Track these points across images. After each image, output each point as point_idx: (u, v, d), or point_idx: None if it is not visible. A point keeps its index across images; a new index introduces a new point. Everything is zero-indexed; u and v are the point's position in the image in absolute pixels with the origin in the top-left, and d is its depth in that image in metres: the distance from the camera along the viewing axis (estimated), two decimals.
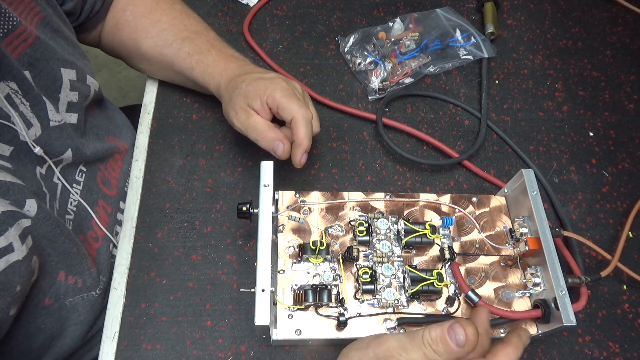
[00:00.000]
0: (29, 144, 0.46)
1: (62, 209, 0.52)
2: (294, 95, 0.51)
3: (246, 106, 0.51)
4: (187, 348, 0.49)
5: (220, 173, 0.58)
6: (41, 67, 0.48)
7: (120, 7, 0.61)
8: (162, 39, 0.59)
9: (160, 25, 0.59)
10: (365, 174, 0.59)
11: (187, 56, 0.57)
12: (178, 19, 0.60)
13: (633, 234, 0.57)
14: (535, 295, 0.49)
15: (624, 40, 0.71)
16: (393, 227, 0.52)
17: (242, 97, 0.51)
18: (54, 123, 0.49)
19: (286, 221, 0.52)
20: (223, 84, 0.55)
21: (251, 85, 0.51)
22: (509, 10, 0.73)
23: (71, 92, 0.52)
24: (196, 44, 0.58)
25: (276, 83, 0.51)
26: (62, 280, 0.49)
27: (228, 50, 0.58)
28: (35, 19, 0.49)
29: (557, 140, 0.63)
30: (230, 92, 0.53)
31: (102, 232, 0.56)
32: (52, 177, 0.50)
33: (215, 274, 0.52)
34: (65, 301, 0.51)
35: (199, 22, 0.61)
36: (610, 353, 0.50)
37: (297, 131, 0.50)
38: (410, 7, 0.72)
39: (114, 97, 1.53)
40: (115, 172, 0.61)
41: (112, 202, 0.59)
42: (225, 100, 0.54)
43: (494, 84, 0.67)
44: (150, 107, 0.62)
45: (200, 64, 0.57)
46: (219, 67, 0.56)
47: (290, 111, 0.50)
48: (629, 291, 0.54)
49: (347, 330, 0.47)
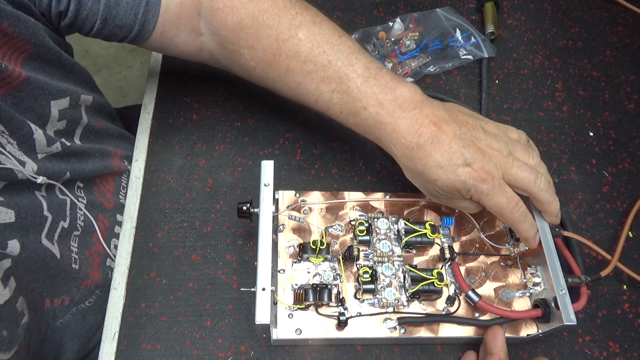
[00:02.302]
0: (30, 178, 0.44)
1: (72, 225, 0.51)
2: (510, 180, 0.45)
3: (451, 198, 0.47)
4: (187, 348, 0.49)
5: (220, 173, 0.58)
6: (27, 105, 0.45)
7: (231, 47, 0.50)
8: (301, 90, 0.50)
9: (293, 77, 0.49)
10: (365, 174, 0.59)
11: (339, 114, 0.49)
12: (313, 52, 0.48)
13: (633, 234, 0.57)
14: (535, 295, 0.49)
15: (624, 40, 0.71)
16: (393, 226, 0.52)
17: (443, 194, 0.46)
18: (42, 155, 0.47)
19: (286, 221, 0.52)
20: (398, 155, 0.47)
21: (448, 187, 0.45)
22: (509, 10, 0.73)
23: (58, 122, 0.50)
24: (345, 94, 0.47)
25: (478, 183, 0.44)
26: (49, 307, 0.48)
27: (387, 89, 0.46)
28: (21, 56, 0.45)
29: (557, 140, 0.63)
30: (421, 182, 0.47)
31: (102, 248, 0.55)
32: (56, 194, 0.49)
33: (215, 274, 0.52)
34: (56, 323, 0.50)
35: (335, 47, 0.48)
36: (610, 353, 0.50)
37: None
38: (410, 7, 0.72)
39: (114, 97, 1.53)
40: (109, 185, 0.59)
41: (110, 215, 0.57)
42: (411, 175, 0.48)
43: (494, 84, 0.67)
44: (150, 107, 0.62)
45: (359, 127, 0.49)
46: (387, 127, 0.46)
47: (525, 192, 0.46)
48: (629, 291, 0.54)
49: (348, 330, 0.47)
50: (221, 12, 0.49)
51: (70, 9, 0.47)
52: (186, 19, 0.51)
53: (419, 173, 0.46)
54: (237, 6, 0.48)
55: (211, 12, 0.50)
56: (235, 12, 0.49)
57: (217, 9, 0.49)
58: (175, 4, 0.50)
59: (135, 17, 0.49)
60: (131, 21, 0.49)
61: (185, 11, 0.50)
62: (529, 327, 0.48)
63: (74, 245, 0.51)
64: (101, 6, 0.48)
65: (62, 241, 0.49)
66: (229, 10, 0.49)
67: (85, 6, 0.47)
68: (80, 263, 0.51)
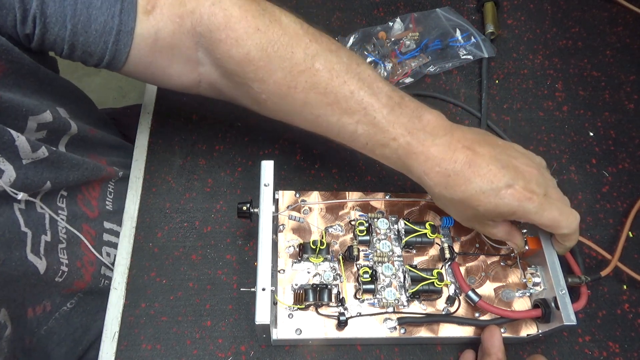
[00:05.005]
0: (8, 192, 0.42)
1: (55, 238, 0.49)
2: (550, 213, 0.43)
3: (486, 221, 0.46)
4: (187, 348, 0.49)
5: (220, 173, 0.58)
6: (3, 122, 0.43)
7: (238, 80, 0.46)
8: (322, 123, 0.47)
9: (311, 109, 0.46)
10: (365, 174, 0.59)
11: (364, 146, 0.47)
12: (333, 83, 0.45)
13: (633, 234, 0.57)
14: (535, 295, 0.49)
15: (624, 40, 0.71)
16: (393, 226, 0.52)
17: (481, 217, 0.45)
18: (27, 161, 0.45)
19: (286, 221, 0.52)
20: (432, 186, 0.45)
21: (491, 212, 0.43)
22: (509, 10, 0.73)
23: (37, 132, 0.48)
24: (371, 126, 0.45)
25: (525, 204, 0.42)
26: (31, 316, 0.48)
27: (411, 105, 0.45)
28: None
29: (557, 140, 0.63)
30: (459, 209, 0.46)
31: (94, 257, 0.54)
32: (35, 208, 0.47)
33: (215, 274, 0.52)
34: (40, 331, 0.49)
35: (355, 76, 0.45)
36: (610, 353, 0.50)
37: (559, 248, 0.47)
38: (410, 7, 0.72)
39: (114, 97, 1.53)
40: (95, 192, 0.57)
41: (96, 224, 0.56)
42: (444, 205, 0.47)
43: (494, 84, 0.67)
44: (150, 107, 0.62)
45: (388, 159, 0.47)
46: (419, 157, 0.44)
47: (555, 229, 0.44)
48: (629, 291, 0.54)
49: (348, 330, 0.47)
50: (224, 44, 0.44)
51: (36, 33, 0.44)
52: (181, 49, 0.47)
53: (458, 201, 0.43)
54: (243, 37, 0.44)
55: (212, 43, 0.45)
56: (240, 44, 0.44)
57: (218, 41, 0.44)
58: (167, 34, 0.45)
59: (106, 46, 0.45)
60: (101, 49, 0.46)
61: (179, 41, 0.46)
62: (529, 327, 0.48)
63: (63, 257, 0.50)
64: (67, 32, 0.44)
65: (49, 255, 0.48)
66: (232, 42, 0.44)
67: (51, 31, 0.44)
68: (68, 274, 0.50)
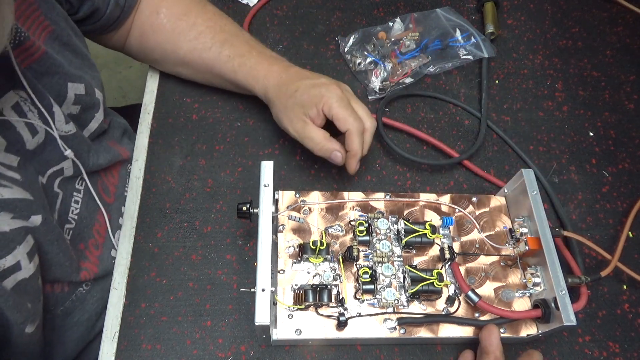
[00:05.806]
0: (60, 146, 0.47)
1: (62, 219, 0.51)
2: (349, 106, 0.51)
3: (303, 115, 0.52)
4: (187, 348, 0.49)
5: (220, 173, 0.58)
6: (45, 82, 0.47)
7: (153, 9, 0.58)
8: (200, 43, 0.57)
9: (197, 28, 0.58)
10: (365, 174, 0.59)
11: (228, 59, 0.57)
12: (213, 20, 0.59)
13: (633, 234, 0.57)
14: (535, 295, 0.49)
15: (624, 40, 0.71)
16: (393, 227, 0.52)
17: (299, 106, 0.52)
18: (60, 132, 0.49)
19: (286, 221, 0.52)
20: (271, 89, 0.55)
21: (306, 94, 0.52)
22: (509, 10, 0.73)
23: (73, 106, 0.51)
24: (236, 47, 0.57)
25: (331, 91, 0.51)
26: (49, 293, 0.49)
27: (267, 52, 0.58)
28: (44, 33, 0.48)
29: (557, 140, 0.63)
30: (284, 100, 0.53)
31: (102, 240, 0.56)
32: (52, 187, 0.50)
33: (215, 274, 0.52)
34: (56, 311, 0.51)
35: (233, 23, 0.60)
36: (610, 353, 0.50)
37: (351, 142, 0.51)
38: (410, 7, 0.72)
39: (114, 97, 1.53)
40: (114, 179, 0.60)
41: (112, 209, 0.58)
42: (277, 107, 0.54)
43: (494, 84, 0.67)
44: (150, 107, 0.62)
45: (243, 67, 0.56)
46: (262, 70, 0.56)
47: (346, 123, 0.51)
48: (629, 291, 0.54)
49: (347, 330, 0.47)
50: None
51: None
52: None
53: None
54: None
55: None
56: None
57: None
58: None
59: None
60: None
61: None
62: (529, 327, 0.48)
63: (67, 237, 0.52)
64: None
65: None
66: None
67: None
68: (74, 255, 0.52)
